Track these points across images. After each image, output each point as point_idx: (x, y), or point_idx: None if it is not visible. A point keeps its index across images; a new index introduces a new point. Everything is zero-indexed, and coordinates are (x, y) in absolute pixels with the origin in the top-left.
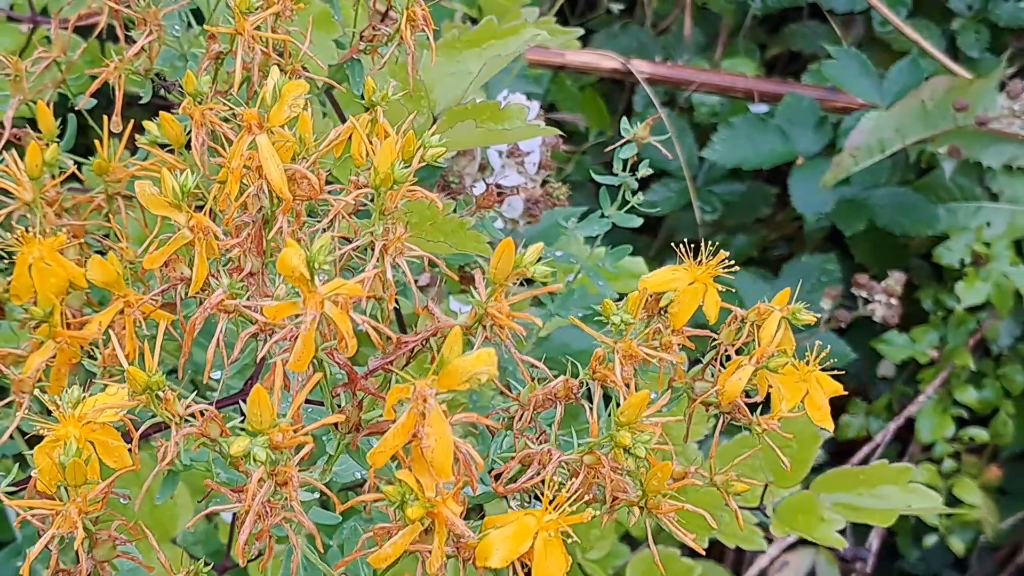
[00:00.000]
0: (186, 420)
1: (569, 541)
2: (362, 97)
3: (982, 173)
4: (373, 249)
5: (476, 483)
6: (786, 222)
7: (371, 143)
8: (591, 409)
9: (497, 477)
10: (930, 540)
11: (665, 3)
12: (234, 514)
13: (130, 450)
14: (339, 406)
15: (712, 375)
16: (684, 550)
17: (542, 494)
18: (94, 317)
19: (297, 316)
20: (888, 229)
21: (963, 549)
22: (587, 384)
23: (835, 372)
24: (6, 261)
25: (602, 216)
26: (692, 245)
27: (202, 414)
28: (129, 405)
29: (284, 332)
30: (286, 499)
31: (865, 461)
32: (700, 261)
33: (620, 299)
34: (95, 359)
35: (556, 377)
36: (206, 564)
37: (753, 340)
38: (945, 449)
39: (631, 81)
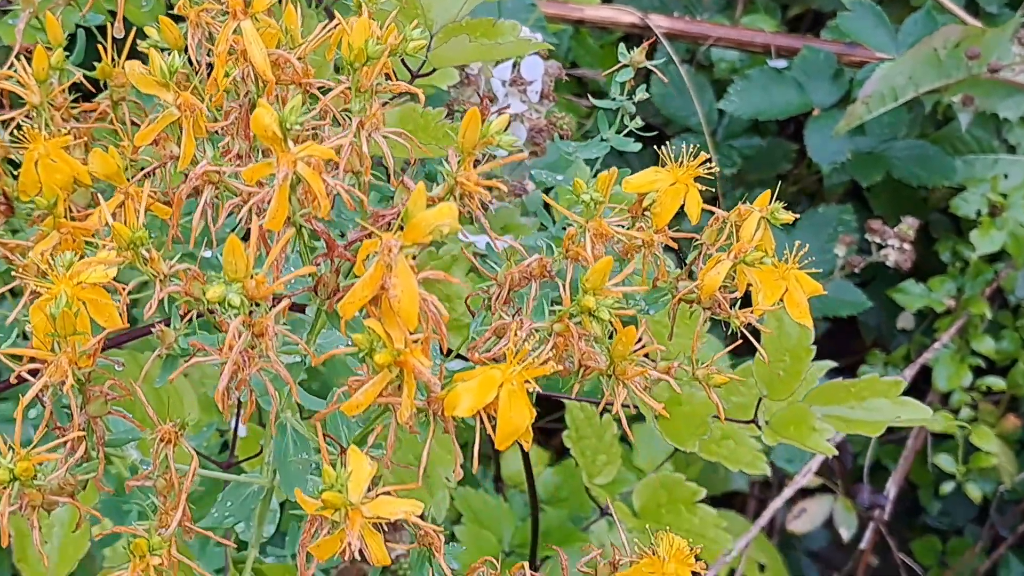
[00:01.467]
0: (170, 279)
1: (530, 390)
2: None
3: (999, 125)
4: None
5: (445, 338)
6: (805, 177)
7: None
8: (564, 285)
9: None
10: (948, 487)
11: None
12: (237, 418)
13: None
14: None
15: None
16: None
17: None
18: (96, 209)
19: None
20: (905, 181)
21: (980, 497)
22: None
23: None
24: (16, 154)
25: (601, 140)
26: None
27: (186, 273)
28: (116, 261)
29: (261, 195)
30: (263, 350)
31: None
32: (682, 164)
33: None
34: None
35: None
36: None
37: (734, 241)
38: (963, 398)
39: (651, 37)
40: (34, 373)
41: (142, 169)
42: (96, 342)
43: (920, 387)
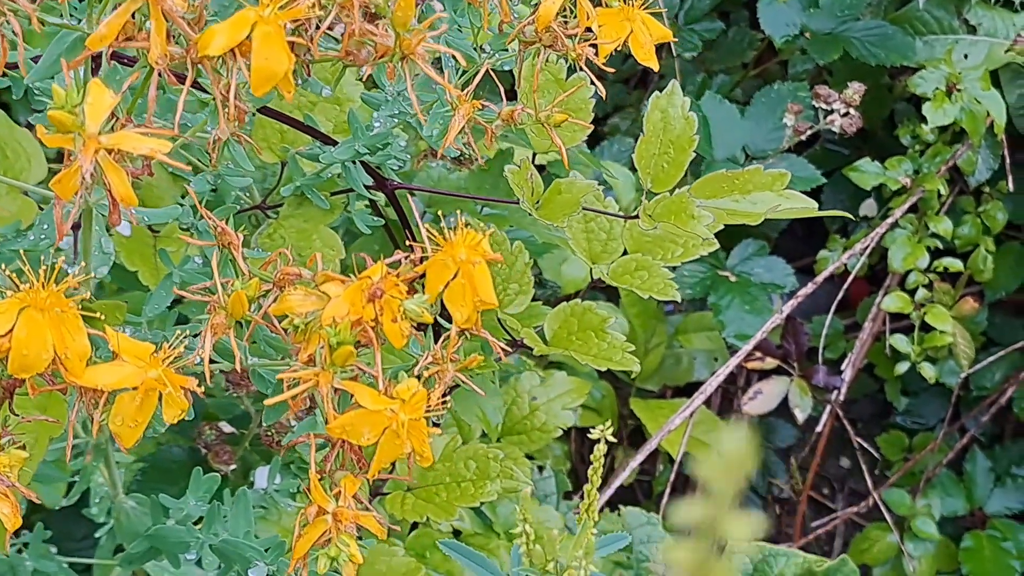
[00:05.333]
0: None
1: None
2: None
3: (960, 5)
4: None
5: None
6: (770, 64)
7: None
8: None
9: None
10: (902, 367)
11: None
12: None
13: None
14: None
15: None
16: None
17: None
18: None
19: None
20: (863, 60)
21: (934, 376)
22: None
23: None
24: None
25: None
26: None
27: None
28: None
29: None
30: None
31: (838, 289)
32: None
33: None
34: None
35: None
36: None
37: None
38: (919, 279)
39: None
40: None
41: None
42: None
43: (880, 276)
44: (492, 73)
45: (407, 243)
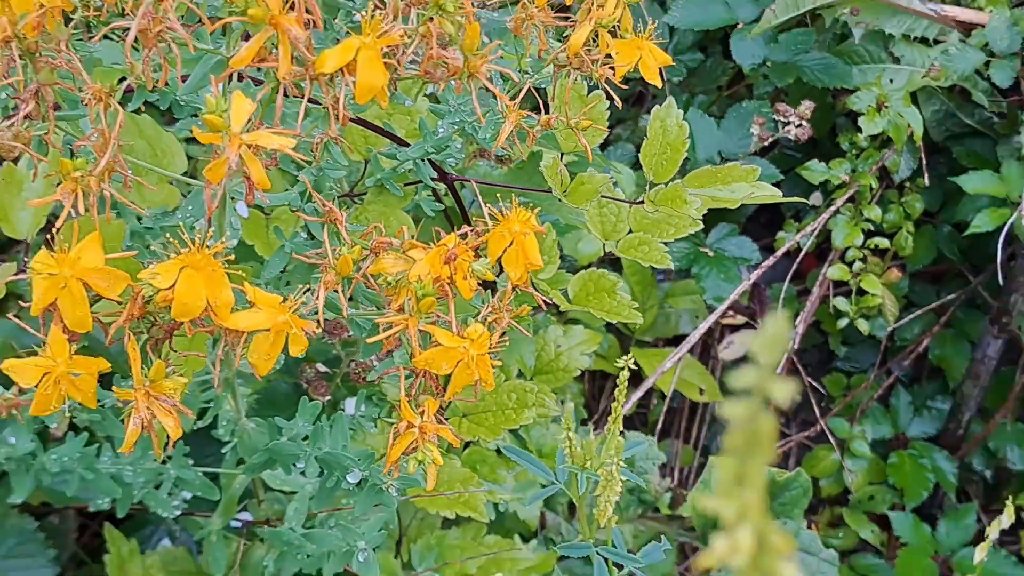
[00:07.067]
0: None
1: (386, 56)
2: None
3: (887, 41)
4: None
5: (317, 11)
6: (739, 87)
7: None
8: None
9: None
10: (842, 323)
11: None
12: None
13: None
14: None
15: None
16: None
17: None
18: None
19: None
20: (812, 83)
21: (868, 330)
22: None
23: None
24: None
25: None
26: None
27: None
28: None
29: None
30: (165, 12)
31: (792, 262)
32: None
33: None
34: None
35: None
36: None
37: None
38: (856, 254)
39: None
40: None
41: None
42: (39, 14)
43: (825, 252)
44: (533, 91)
45: (473, 219)
